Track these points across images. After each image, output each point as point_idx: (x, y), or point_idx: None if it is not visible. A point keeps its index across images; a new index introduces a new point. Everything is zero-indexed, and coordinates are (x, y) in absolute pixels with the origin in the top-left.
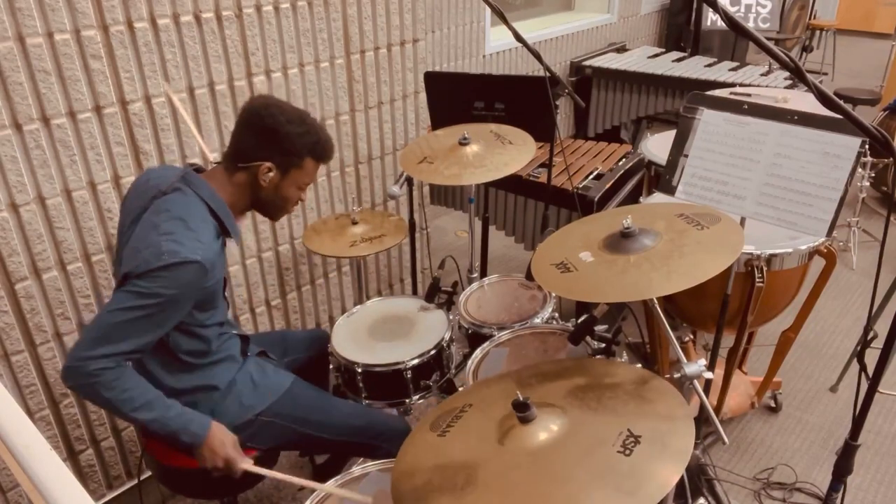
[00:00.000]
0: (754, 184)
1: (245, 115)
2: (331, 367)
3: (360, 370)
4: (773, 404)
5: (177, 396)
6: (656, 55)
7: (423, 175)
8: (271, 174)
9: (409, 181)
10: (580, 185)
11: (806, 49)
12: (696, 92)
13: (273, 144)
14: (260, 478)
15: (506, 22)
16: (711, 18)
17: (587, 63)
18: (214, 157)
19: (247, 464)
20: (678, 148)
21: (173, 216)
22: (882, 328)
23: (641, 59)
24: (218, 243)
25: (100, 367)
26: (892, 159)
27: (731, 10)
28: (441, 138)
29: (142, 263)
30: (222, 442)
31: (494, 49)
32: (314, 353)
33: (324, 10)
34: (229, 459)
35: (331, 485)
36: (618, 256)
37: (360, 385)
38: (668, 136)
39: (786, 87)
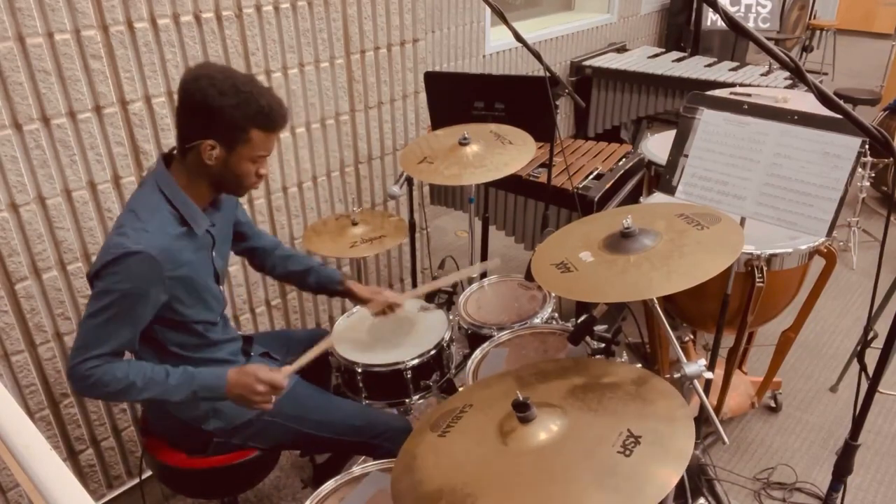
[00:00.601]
0: (754, 184)
1: (180, 94)
2: (331, 367)
3: (359, 370)
4: (773, 404)
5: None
6: (656, 55)
7: (423, 175)
8: (215, 151)
9: (409, 181)
10: (580, 185)
11: (806, 49)
12: (696, 92)
13: (208, 121)
14: (262, 477)
15: (506, 22)
16: (711, 18)
17: (587, 63)
18: None
19: (285, 373)
20: (678, 148)
21: (129, 209)
22: (882, 328)
23: (641, 59)
24: (178, 231)
25: (88, 367)
26: (892, 159)
27: (731, 10)
28: (441, 138)
29: (97, 261)
30: (246, 375)
31: (494, 49)
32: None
33: (324, 10)
34: (268, 385)
35: None
36: (618, 256)
37: (360, 385)
38: (668, 136)
39: (786, 87)
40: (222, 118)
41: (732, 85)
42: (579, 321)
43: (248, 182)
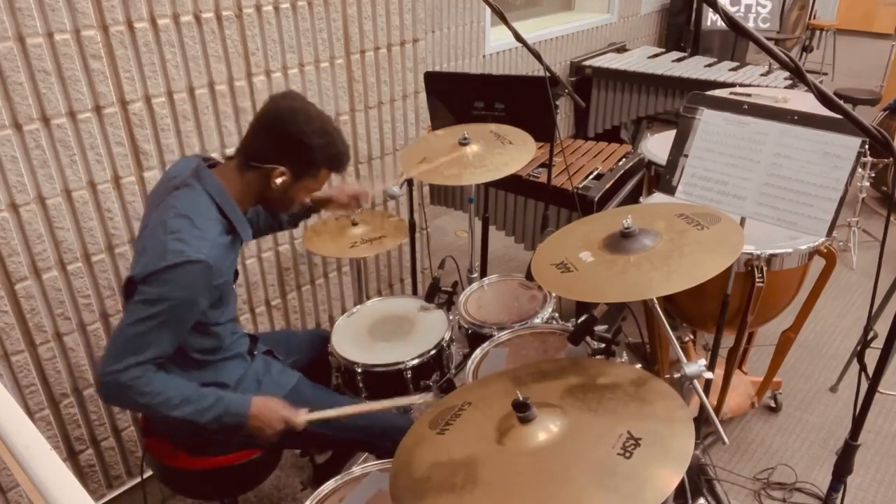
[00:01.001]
0: (754, 184)
1: (269, 116)
2: (331, 367)
3: (360, 370)
4: (773, 404)
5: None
6: (656, 55)
7: (423, 175)
8: (284, 178)
9: (409, 181)
10: (580, 185)
11: (806, 49)
12: (696, 92)
13: (292, 153)
14: (262, 477)
15: (506, 22)
16: (711, 18)
17: (587, 63)
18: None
19: (304, 415)
20: (678, 148)
21: (179, 213)
22: (882, 328)
23: (641, 59)
24: (226, 240)
25: (129, 377)
26: (892, 159)
27: (731, 10)
28: (441, 138)
29: (148, 264)
30: (269, 410)
31: (494, 49)
32: (316, 354)
33: (324, 10)
34: (285, 421)
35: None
36: (618, 256)
37: (360, 385)
38: (668, 136)
39: (786, 87)
40: (306, 154)
41: (732, 85)
42: (579, 321)
43: (294, 207)
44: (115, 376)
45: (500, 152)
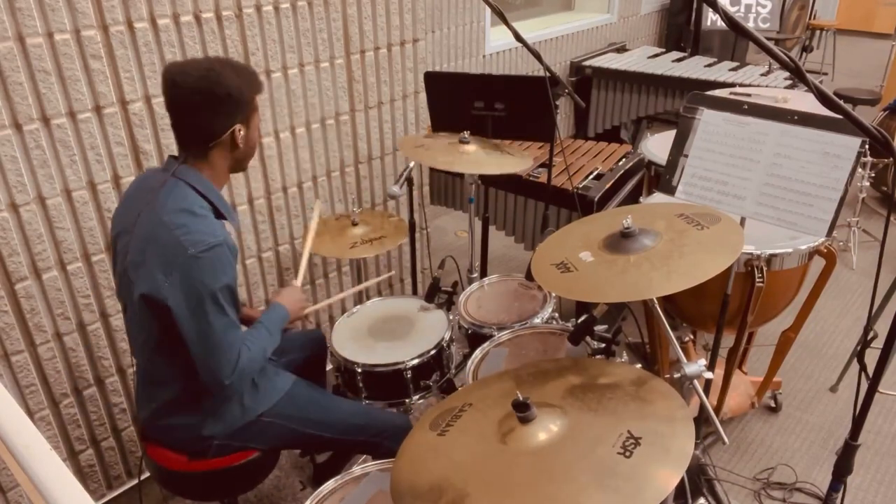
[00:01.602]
0: (754, 184)
1: (186, 97)
2: (331, 367)
3: (360, 370)
4: (773, 404)
5: (186, 398)
6: (656, 55)
7: (418, 156)
8: (242, 133)
9: (409, 181)
10: (580, 185)
11: (806, 49)
12: (696, 92)
13: (233, 107)
14: (261, 478)
15: (506, 22)
16: (711, 18)
17: (587, 63)
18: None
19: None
20: (678, 148)
21: (175, 209)
22: (882, 328)
23: (641, 59)
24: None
25: (241, 370)
26: (892, 159)
27: (731, 10)
28: (442, 137)
29: (193, 272)
30: (296, 304)
31: (494, 49)
32: (310, 354)
33: (324, 10)
34: (306, 306)
35: None
36: (618, 256)
37: (360, 385)
38: (668, 136)
39: (786, 87)
40: (242, 99)
41: (732, 85)
42: (579, 321)
43: (254, 150)
44: (246, 371)
45: (498, 155)
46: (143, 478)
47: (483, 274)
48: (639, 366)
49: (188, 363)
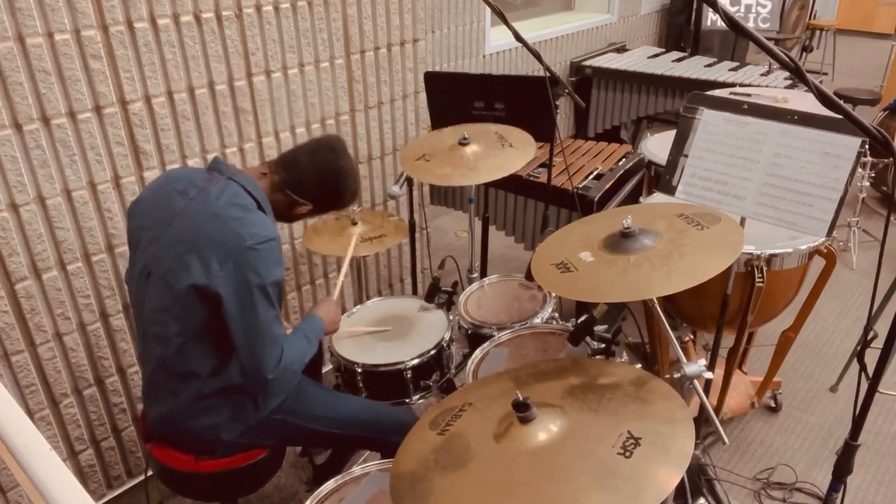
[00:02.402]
0: (754, 184)
1: (322, 162)
2: (331, 366)
3: (360, 370)
4: (773, 404)
5: (213, 392)
6: (656, 55)
7: (417, 172)
8: (303, 211)
9: (409, 181)
10: (580, 185)
11: (806, 49)
12: (696, 92)
13: (327, 200)
14: (266, 478)
15: (506, 22)
16: (711, 18)
17: (587, 63)
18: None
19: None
20: (678, 148)
21: (230, 203)
22: (882, 328)
23: (641, 59)
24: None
25: (284, 365)
26: (892, 159)
27: (731, 10)
28: (443, 137)
29: (249, 261)
30: (332, 316)
31: (494, 49)
32: None
33: (324, 10)
34: (338, 322)
35: None
36: (618, 256)
37: (360, 385)
38: (668, 136)
39: (786, 87)
40: (336, 203)
41: (732, 85)
42: (579, 321)
43: (291, 221)
44: (276, 373)
45: (498, 154)
46: (149, 474)
47: (483, 274)
48: (639, 366)
49: (223, 355)
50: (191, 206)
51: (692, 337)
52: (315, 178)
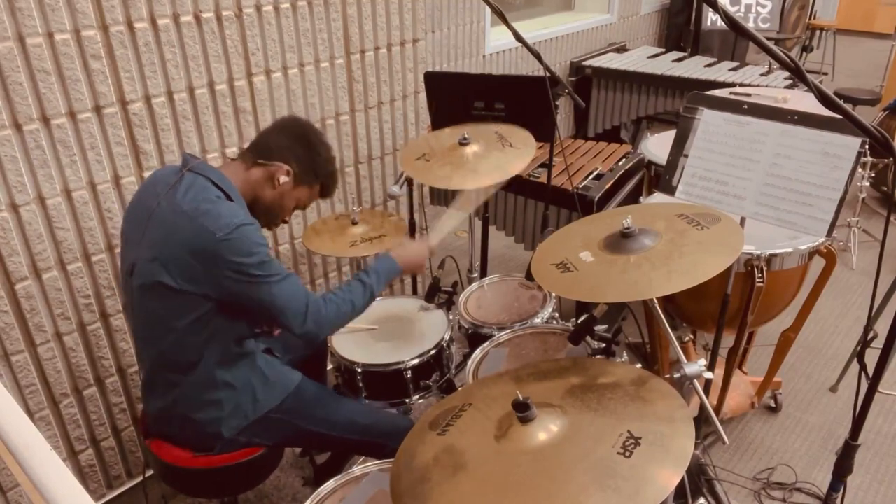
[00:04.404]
0: (754, 184)
1: (285, 121)
2: (331, 366)
3: (359, 370)
4: (773, 404)
5: (211, 381)
6: (656, 55)
7: (416, 173)
8: (286, 179)
9: (409, 181)
10: (580, 185)
11: (806, 49)
12: (696, 92)
13: (301, 153)
14: (265, 475)
15: (506, 22)
16: (711, 18)
17: (587, 63)
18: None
19: (433, 242)
20: (678, 148)
21: (196, 198)
22: (882, 328)
23: (641, 59)
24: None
25: (315, 318)
26: (892, 159)
27: (731, 10)
28: (443, 137)
29: (229, 249)
30: (414, 259)
31: (494, 49)
32: (311, 352)
33: (324, 10)
34: (425, 255)
35: None
36: (618, 256)
37: (360, 385)
38: (668, 136)
39: (786, 87)
40: (313, 158)
41: (732, 85)
42: (579, 321)
43: (279, 219)
44: (306, 328)
45: (498, 155)
46: (146, 475)
47: (483, 274)
48: (639, 366)
49: (219, 348)
50: (161, 206)
51: (692, 337)
52: (283, 137)
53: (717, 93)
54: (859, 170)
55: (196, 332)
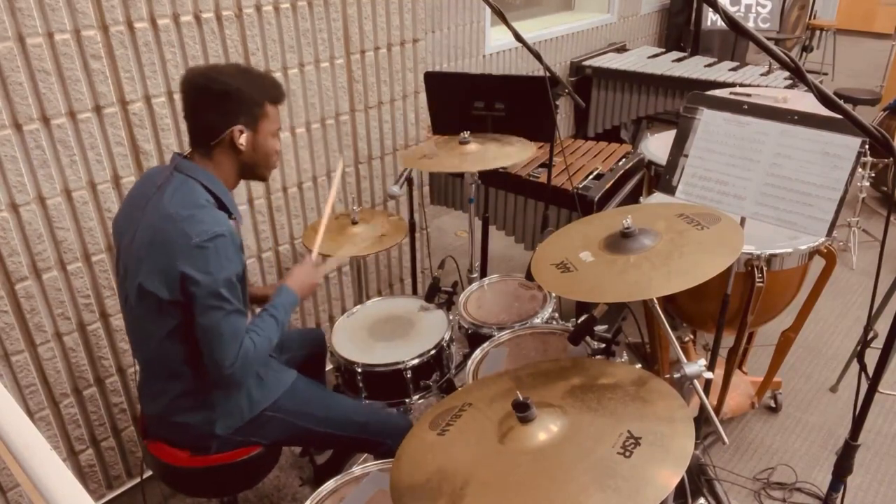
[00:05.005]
0: (754, 184)
1: (189, 93)
2: (331, 367)
3: (359, 370)
4: (773, 404)
5: (197, 390)
6: (656, 55)
7: (424, 166)
8: (244, 135)
9: (409, 181)
10: (580, 185)
11: (806, 49)
12: (696, 92)
13: (231, 106)
14: (263, 474)
15: (506, 22)
16: (711, 18)
17: (587, 63)
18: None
19: (322, 270)
20: (678, 148)
21: (180, 203)
22: (882, 328)
23: (641, 59)
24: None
25: (244, 358)
26: (892, 159)
27: (731, 10)
28: (442, 142)
29: (195, 261)
30: (305, 284)
31: (494, 49)
32: (309, 351)
33: (324, 10)
34: (315, 281)
35: None
36: (618, 256)
37: (360, 385)
38: (668, 136)
39: (786, 87)
40: (242, 99)
41: (732, 85)
42: (579, 321)
43: (273, 160)
44: (234, 368)
45: (500, 147)
46: (144, 476)
47: (483, 274)
48: (639, 366)
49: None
50: (148, 209)
51: (692, 337)
52: (204, 109)
53: (717, 93)
54: (859, 170)
55: (176, 341)
